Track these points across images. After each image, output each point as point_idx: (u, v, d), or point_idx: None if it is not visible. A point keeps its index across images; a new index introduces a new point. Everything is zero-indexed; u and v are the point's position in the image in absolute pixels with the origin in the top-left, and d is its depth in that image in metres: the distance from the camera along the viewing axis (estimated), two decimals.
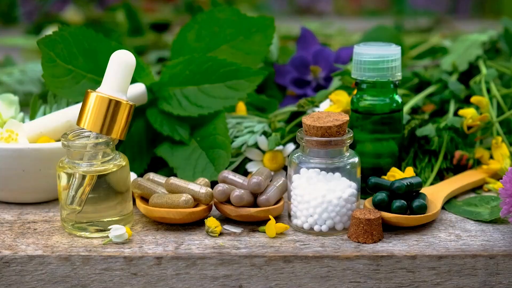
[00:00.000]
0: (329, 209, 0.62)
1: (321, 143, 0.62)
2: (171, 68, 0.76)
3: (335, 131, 0.62)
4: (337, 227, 0.63)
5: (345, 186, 0.63)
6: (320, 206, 0.62)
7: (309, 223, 0.63)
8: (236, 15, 0.79)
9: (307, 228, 0.63)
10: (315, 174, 0.63)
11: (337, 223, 0.63)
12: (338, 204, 0.62)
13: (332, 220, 0.63)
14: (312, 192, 0.62)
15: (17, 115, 0.75)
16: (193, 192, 0.64)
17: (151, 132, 0.76)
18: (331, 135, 0.62)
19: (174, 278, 0.60)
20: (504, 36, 0.98)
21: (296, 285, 0.60)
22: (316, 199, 0.62)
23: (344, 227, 0.63)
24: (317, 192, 0.62)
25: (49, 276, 0.60)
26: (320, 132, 0.62)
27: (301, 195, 0.63)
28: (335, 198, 0.62)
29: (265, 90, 0.92)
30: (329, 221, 0.63)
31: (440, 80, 0.83)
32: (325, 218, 0.63)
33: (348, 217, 0.63)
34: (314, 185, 0.62)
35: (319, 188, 0.62)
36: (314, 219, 0.63)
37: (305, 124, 0.62)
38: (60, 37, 0.71)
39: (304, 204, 0.63)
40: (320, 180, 0.62)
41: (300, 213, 0.63)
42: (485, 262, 0.60)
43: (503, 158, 0.73)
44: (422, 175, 0.74)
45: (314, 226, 0.63)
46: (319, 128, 0.62)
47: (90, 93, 0.63)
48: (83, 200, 0.63)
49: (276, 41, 0.95)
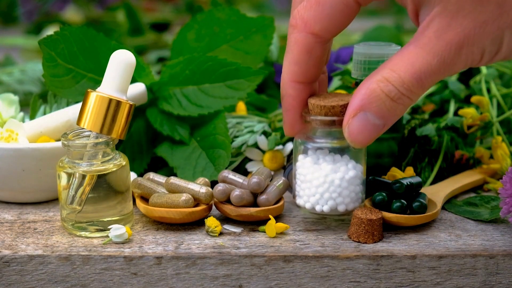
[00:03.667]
0: (330, 189, 0.62)
1: (324, 122, 0.61)
2: (171, 68, 0.76)
3: (339, 110, 0.60)
4: (339, 209, 0.62)
5: (350, 167, 0.62)
6: (322, 186, 0.62)
7: (311, 202, 0.62)
8: (236, 15, 0.79)
9: (309, 208, 0.63)
10: (320, 154, 0.62)
11: (339, 204, 0.62)
12: (340, 185, 0.61)
13: (334, 201, 0.62)
14: (315, 172, 0.62)
15: (17, 115, 0.75)
16: (193, 191, 0.64)
17: (151, 132, 0.76)
18: (334, 115, 0.61)
19: (174, 278, 0.60)
20: None
21: (296, 284, 0.60)
22: (318, 179, 0.62)
23: (346, 209, 0.62)
24: (320, 172, 0.61)
25: (49, 275, 0.60)
26: (324, 111, 0.61)
27: (304, 175, 0.62)
28: (338, 178, 0.61)
29: (265, 90, 0.92)
30: (331, 202, 0.62)
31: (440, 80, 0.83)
32: (327, 199, 0.62)
33: (351, 199, 0.62)
34: (318, 165, 0.62)
35: (322, 168, 0.61)
36: (316, 199, 0.62)
37: (310, 102, 0.61)
38: (62, 36, 0.71)
39: (307, 184, 0.62)
40: (324, 160, 0.62)
41: (303, 193, 0.63)
42: (485, 262, 0.60)
43: (503, 158, 0.73)
44: (422, 175, 0.74)
45: (316, 206, 0.62)
46: (323, 107, 0.61)
47: (90, 92, 0.63)
48: (83, 200, 0.63)
49: (276, 41, 0.95)
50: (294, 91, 0.61)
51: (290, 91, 0.62)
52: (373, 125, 0.56)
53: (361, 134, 0.56)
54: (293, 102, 0.62)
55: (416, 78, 0.54)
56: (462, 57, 0.53)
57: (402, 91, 0.54)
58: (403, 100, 0.54)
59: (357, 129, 0.56)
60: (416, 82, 0.54)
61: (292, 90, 0.61)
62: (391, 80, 0.54)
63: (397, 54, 0.55)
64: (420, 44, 0.54)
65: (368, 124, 0.56)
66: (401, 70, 0.54)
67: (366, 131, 0.56)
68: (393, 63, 0.55)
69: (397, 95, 0.54)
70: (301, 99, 0.62)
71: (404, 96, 0.54)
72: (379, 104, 0.55)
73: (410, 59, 0.54)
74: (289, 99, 0.62)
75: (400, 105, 0.55)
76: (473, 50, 0.53)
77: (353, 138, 0.57)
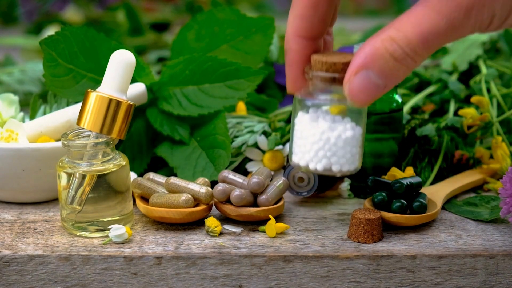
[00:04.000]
0: (326, 147, 0.59)
1: (325, 79, 0.59)
2: (171, 68, 0.76)
3: (340, 68, 0.58)
4: (334, 169, 0.59)
5: (348, 127, 0.60)
6: (317, 143, 0.59)
7: (306, 160, 0.60)
8: (236, 15, 0.79)
9: (303, 165, 0.60)
10: (320, 112, 0.60)
11: (334, 164, 0.59)
12: (336, 144, 0.59)
13: (329, 160, 0.59)
14: (312, 129, 0.60)
15: (17, 115, 0.75)
16: (193, 191, 0.64)
17: (151, 132, 0.76)
18: (336, 71, 0.59)
19: (174, 278, 0.60)
20: (504, 35, 0.98)
21: (296, 284, 0.60)
22: (314, 136, 0.59)
23: (341, 170, 0.60)
24: (317, 129, 0.59)
25: (49, 275, 0.60)
26: (325, 67, 0.59)
27: (301, 131, 0.60)
28: (334, 137, 0.59)
29: (265, 90, 0.92)
30: (325, 160, 0.59)
31: (440, 80, 0.83)
32: (321, 157, 0.59)
33: (346, 160, 0.60)
34: (316, 123, 0.60)
35: (320, 125, 0.59)
36: (310, 156, 0.60)
37: (312, 58, 0.59)
38: (62, 36, 0.71)
39: (303, 140, 0.60)
40: (323, 118, 0.60)
41: (298, 149, 0.60)
42: (485, 262, 0.60)
43: (503, 158, 0.73)
44: (422, 175, 0.74)
45: (310, 163, 0.60)
46: (324, 63, 0.59)
47: (90, 92, 0.63)
48: (83, 200, 0.63)
49: (276, 41, 0.95)
50: (297, 46, 0.60)
51: (294, 46, 0.60)
52: (374, 85, 0.55)
53: (362, 93, 0.55)
54: (296, 56, 0.60)
55: (422, 39, 0.52)
56: (471, 20, 0.52)
57: (407, 52, 0.53)
58: (407, 61, 0.53)
59: (357, 87, 0.55)
60: (422, 43, 0.52)
61: (296, 44, 0.60)
62: (396, 39, 0.53)
63: (405, 14, 0.53)
64: (429, 5, 0.52)
65: (369, 82, 0.54)
66: (408, 30, 0.53)
67: (366, 90, 0.55)
68: (399, 22, 0.53)
69: (401, 55, 0.53)
70: (304, 54, 0.60)
71: (408, 57, 0.53)
72: (382, 63, 0.54)
73: (417, 19, 0.53)
74: (292, 54, 0.60)
75: (403, 66, 0.53)
76: (483, 14, 0.52)
77: (353, 96, 0.55)
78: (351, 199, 0.72)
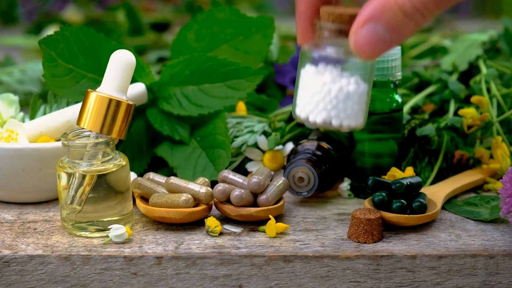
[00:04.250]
0: (326, 99, 0.58)
1: (332, 30, 0.58)
2: (171, 67, 0.76)
3: (347, 19, 0.57)
4: (333, 123, 0.58)
5: (351, 82, 0.58)
6: (319, 94, 0.58)
7: (306, 111, 0.59)
8: (236, 15, 0.79)
9: (303, 117, 0.59)
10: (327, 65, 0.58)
11: (333, 117, 0.58)
12: (337, 97, 0.58)
13: (328, 112, 0.58)
14: (315, 80, 0.58)
15: (17, 115, 0.75)
16: (193, 191, 0.64)
17: (151, 131, 0.76)
18: (342, 22, 0.57)
19: (174, 278, 0.60)
20: (504, 35, 0.98)
21: (296, 284, 0.60)
22: (316, 87, 0.58)
23: (341, 124, 0.58)
24: (320, 80, 0.58)
25: (49, 275, 0.60)
26: (332, 18, 0.58)
27: (305, 82, 0.59)
28: (336, 89, 0.58)
29: (265, 90, 0.92)
30: (324, 113, 0.58)
31: (440, 80, 0.83)
32: (320, 109, 0.58)
33: (346, 115, 0.58)
34: (320, 74, 0.58)
35: (323, 77, 0.58)
36: (310, 108, 0.58)
37: (321, 9, 0.58)
38: (62, 36, 0.71)
39: (305, 91, 0.59)
40: (328, 70, 0.58)
41: (300, 101, 0.59)
42: (485, 262, 0.60)
43: (503, 158, 0.73)
44: (422, 175, 0.74)
45: (309, 115, 0.58)
46: (331, 14, 0.58)
47: (90, 92, 0.63)
48: (83, 200, 0.63)
49: (276, 41, 0.95)
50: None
51: None
52: (381, 38, 0.53)
53: (367, 46, 0.54)
54: (305, 8, 0.59)
55: None
56: None
57: (417, 6, 0.51)
58: (416, 17, 0.52)
59: (363, 39, 0.54)
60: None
61: None
62: None
63: None
64: None
65: (375, 35, 0.53)
66: None
67: (372, 43, 0.54)
68: None
69: (411, 9, 0.52)
70: (314, 5, 0.59)
71: (418, 12, 0.52)
72: (390, 16, 0.52)
73: None
74: (301, 5, 0.59)
75: (411, 22, 0.52)
76: None
77: (358, 48, 0.54)
78: (351, 199, 0.72)
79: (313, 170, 0.68)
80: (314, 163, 0.69)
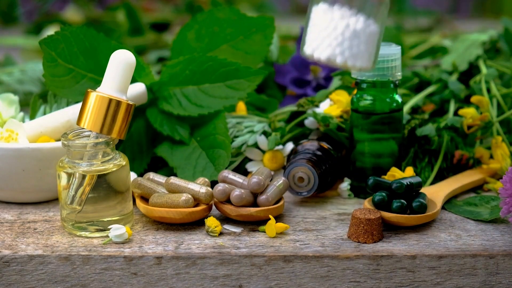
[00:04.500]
0: (332, 35, 0.57)
1: None
2: (171, 67, 0.76)
3: None
4: (338, 60, 0.57)
5: (360, 20, 0.57)
6: (325, 30, 0.57)
7: (312, 47, 0.58)
8: (236, 15, 0.79)
9: (309, 53, 0.58)
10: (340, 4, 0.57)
11: (338, 54, 0.57)
12: (343, 33, 0.57)
13: (333, 49, 0.57)
14: (324, 16, 0.58)
15: (17, 115, 0.75)
16: (193, 191, 0.64)
17: (151, 131, 0.76)
18: None
19: (174, 278, 0.60)
20: (504, 35, 0.98)
21: (296, 284, 0.60)
22: (323, 23, 0.57)
23: (345, 62, 0.57)
24: (329, 16, 0.57)
25: (49, 275, 0.60)
26: None
27: (314, 19, 0.58)
28: (342, 26, 0.57)
29: (265, 90, 0.92)
30: (329, 49, 0.57)
31: (440, 80, 0.83)
32: (326, 45, 0.57)
33: (351, 54, 0.58)
34: (331, 12, 0.58)
35: (333, 14, 0.57)
36: (316, 43, 0.58)
37: None
38: (62, 36, 0.71)
39: (313, 27, 0.58)
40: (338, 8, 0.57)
41: (307, 37, 0.59)
42: (485, 262, 0.60)
43: (503, 158, 0.73)
44: (422, 175, 0.74)
45: (315, 51, 0.58)
46: None
47: (90, 92, 0.63)
48: (83, 200, 0.63)
49: (276, 41, 0.95)
50: None
51: None
52: None
53: None
54: None
55: None
56: None
57: None
58: None
59: None
60: None
61: None
62: None
63: None
64: None
65: None
66: None
67: None
68: None
69: None
70: None
71: None
72: None
73: None
74: None
75: None
76: None
77: None
78: (351, 199, 0.72)
79: (313, 170, 0.68)
80: (314, 163, 0.69)
